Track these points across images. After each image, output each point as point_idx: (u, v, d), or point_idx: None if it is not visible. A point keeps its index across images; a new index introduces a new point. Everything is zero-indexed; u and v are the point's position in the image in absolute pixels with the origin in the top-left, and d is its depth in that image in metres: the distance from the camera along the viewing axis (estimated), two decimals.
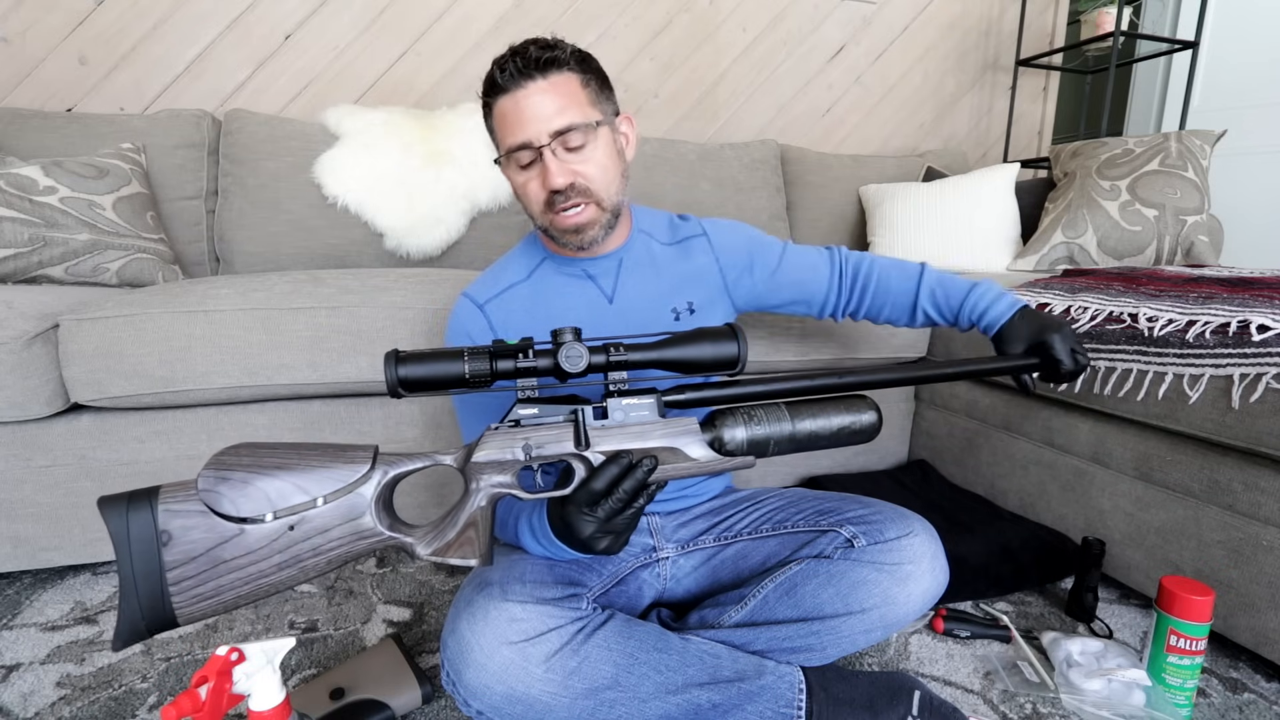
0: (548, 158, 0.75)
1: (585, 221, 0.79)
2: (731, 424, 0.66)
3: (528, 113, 0.74)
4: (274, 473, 0.54)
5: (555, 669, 0.67)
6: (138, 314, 1.05)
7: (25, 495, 1.07)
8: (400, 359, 0.59)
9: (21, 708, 0.84)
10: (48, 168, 1.32)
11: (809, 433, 0.67)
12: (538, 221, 0.83)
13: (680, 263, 0.92)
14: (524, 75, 0.74)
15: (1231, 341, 0.93)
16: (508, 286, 0.89)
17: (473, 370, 0.59)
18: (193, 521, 0.52)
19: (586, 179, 0.77)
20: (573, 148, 0.76)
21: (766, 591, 0.81)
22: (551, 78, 0.75)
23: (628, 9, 2.10)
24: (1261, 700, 0.89)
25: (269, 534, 0.53)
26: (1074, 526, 1.19)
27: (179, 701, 0.54)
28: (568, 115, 0.75)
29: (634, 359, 0.63)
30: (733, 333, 0.65)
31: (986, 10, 2.51)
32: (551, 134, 0.74)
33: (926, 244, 1.86)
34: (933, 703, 0.75)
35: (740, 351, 0.64)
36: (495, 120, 0.78)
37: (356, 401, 1.20)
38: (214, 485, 0.53)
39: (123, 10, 1.70)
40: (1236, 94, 2.36)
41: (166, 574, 0.52)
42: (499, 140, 0.79)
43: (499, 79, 0.75)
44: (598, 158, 0.78)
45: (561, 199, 0.77)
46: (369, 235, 1.63)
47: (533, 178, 0.78)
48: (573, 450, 0.62)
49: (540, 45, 0.75)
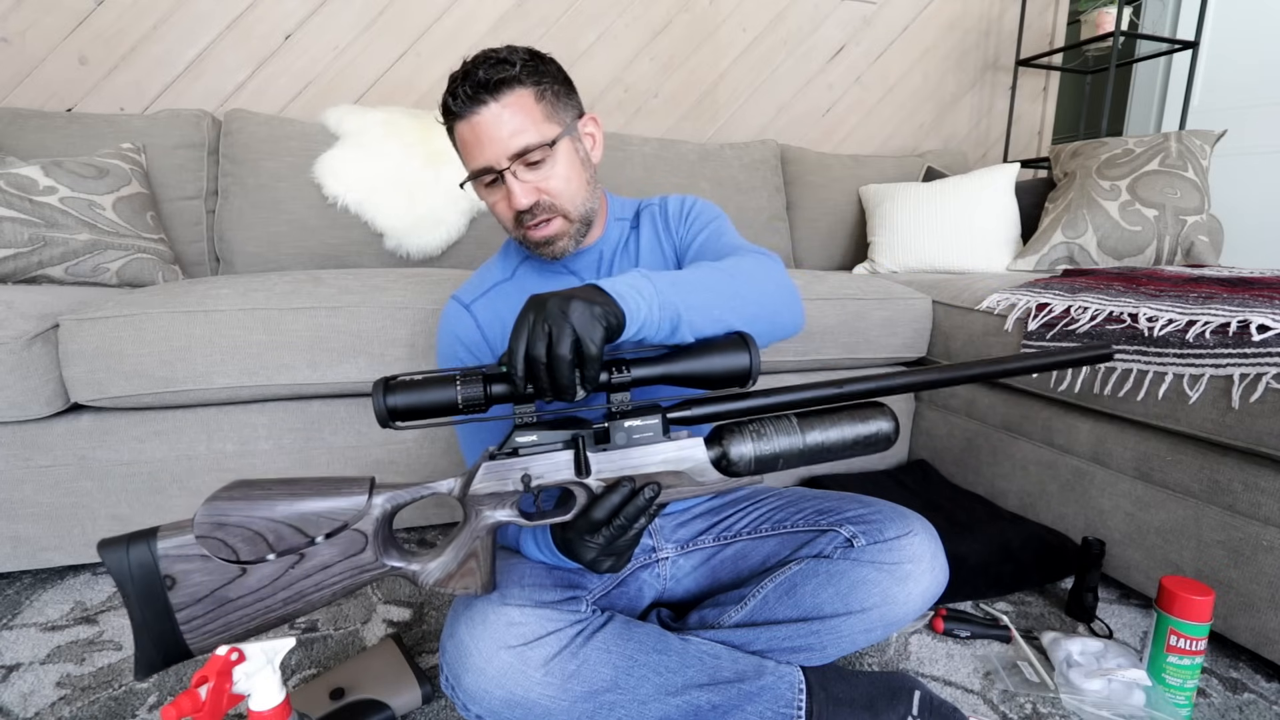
0: (509, 180, 0.75)
1: (554, 234, 0.80)
2: (739, 440, 0.62)
3: (484, 137, 0.74)
4: (270, 513, 0.54)
5: (554, 672, 0.66)
6: (138, 314, 1.05)
7: (25, 495, 1.07)
8: (389, 387, 0.55)
9: (21, 708, 0.84)
10: (48, 168, 1.32)
11: (820, 445, 0.63)
12: (512, 234, 0.83)
13: (648, 239, 0.91)
14: (475, 100, 0.72)
15: (1231, 341, 0.93)
16: (493, 285, 0.89)
17: (466, 396, 0.55)
18: (194, 565, 0.53)
19: (551, 194, 0.77)
20: (533, 163, 0.76)
21: (766, 591, 0.81)
22: (504, 98, 0.73)
23: (628, 9, 2.10)
24: (1261, 700, 0.89)
25: (271, 573, 0.55)
26: (1074, 526, 1.19)
27: (179, 701, 0.54)
28: (524, 136, 0.74)
29: (637, 376, 0.59)
30: (744, 343, 0.61)
31: (986, 10, 2.51)
32: (510, 156, 0.74)
33: (926, 244, 1.86)
34: (933, 702, 0.75)
35: (753, 363, 0.60)
36: (457, 143, 0.78)
37: (356, 401, 1.20)
38: (211, 531, 0.54)
39: (123, 10, 1.70)
40: (1236, 94, 2.36)
41: (175, 615, 0.53)
42: (463, 162, 0.79)
43: (452, 105, 0.74)
44: (559, 171, 0.77)
45: (529, 216, 0.77)
46: (369, 235, 1.63)
47: (500, 198, 0.78)
48: (573, 478, 0.60)
49: (490, 64, 0.73)
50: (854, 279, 1.54)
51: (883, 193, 1.98)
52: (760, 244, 1.24)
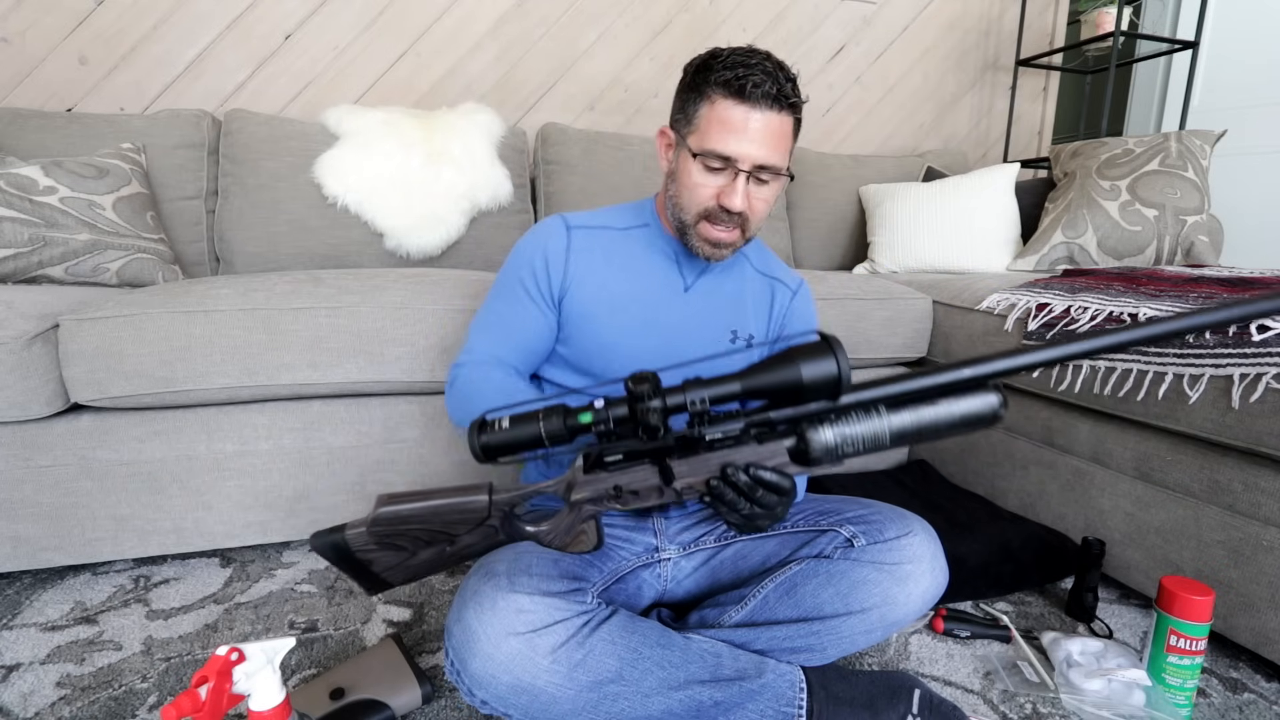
0: (739, 182, 0.77)
1: (728, 241, 0.83)
2: (818, 428, 0.58)
3: (753, 135, 0.76)
4: (418, 522, 0.66)
5: (561, 661, 0.67)
6: (138, 314, 1.05)
7: (25, 495, 1.07)
8: (483, 426, 0.60)
9: (21, 708, 0.84)
10: (48, 168, 1.32)
11: (910, 428, 0.57)
12: (682, 215, 0.84)
13: (759, 295, 0.95)
14: (772, 102, 0.75)
15: (1231, 341, 0.93)
16: (603, 226, 0.91)
17: (549, 430, 0.58)
18: (376, 554, 0.68)
19: (753, 211, 0.81)
20: (763, 180, 0.79)
21: (767, 591, 0.81)
22: (784, 116, 0.77)
23: (628, 9, 2.10)
24: (1261, 700, 0.89)
25: (430, 554, 0.69)
26: (1074, 526, 1.19)
27: (179, 701, 0.54)
28: (777, 156, 0.78)
29: (715, 395, 0.58)
30: (828, 347, 0.55)
31: (986, 10, 2.51)
32: (756, 165, 0.77)
33: (926, 244, 1.86)
34: (933, 701, 0.75)
35: (841, 370, 0.55)
36: (710, 113, 0.77)
37: (356, 401, 1.20)
38: (378, 536, 0.66)
39: (123, 10, 1.70)
40: (1236, 94, 2.36)
41: (374, 570, 0.69)
42: (699, 132, 0.79)
43: (748, 89, 0.74)
44: (769, 195, 0.82)
45: (725, 217, 0.80)
46: (369, 235, 1.63)
47: (710, 184, 0.79)
48: (659, 484, 0.63)
49: (793, 83, 0.77)
50: (854, 279, 1.54)
51: (883, 193, 1.98)
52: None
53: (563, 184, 1.83)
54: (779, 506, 0.66)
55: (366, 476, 1.22)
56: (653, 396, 0.57)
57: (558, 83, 2.08)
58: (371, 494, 1.23)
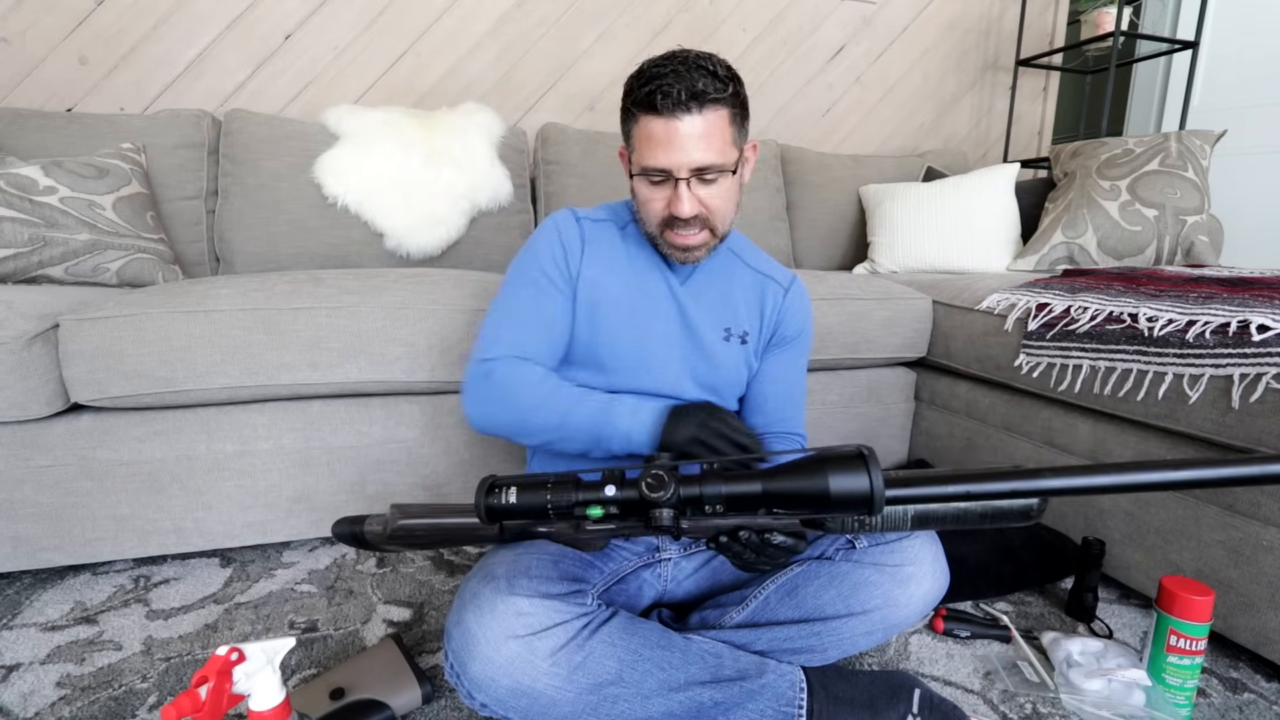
0: (682, 189, 0.77)
1: (696, 244, 0.83)
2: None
3: (675, 144, 0.75)
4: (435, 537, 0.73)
5: (561, 663, 0.67)
6: (138, 314, 1.05)
7: (25, 495, 1.07)
8: (491, 487, 0.58)
9: (21, 708, 0.84)
10: (48, 168, 1.32)
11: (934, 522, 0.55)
12: (647, 228, 0.85)
13: (750, 293, 0.95)
14: (682, 108, 0.73)
15: (1231, 341, 0.93)
16: (606, 220, 0.92)
17: (555, 500, 0.57)
18: (390, 547, 0.76)
19: (710, 210, 0.80)
20: (706, 180, 0.78)
21: (768, 592, 0.81)
22: (707, 114, 0.74)
23: (628, 9, 2.10)
24: (1261, 700, 0.89)
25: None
26: (1074, 526, 1.19)
27: (179, 701, 0.54)
28: (712, 154, 0.76)
29: (733, 493, 0.55)
30: (862, 462, 0.50)
31: (986, 10, 2.51)
32: (692, 169, 0.76)
33: (926, 244, 1.86)
34: (933, 701, 0.75)
35: (874, 488, 0.49)
36: (638, 132, 0.78)
37: (356, 401, 1.20)
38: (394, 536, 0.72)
39: (123, 10, 1.70)
40: (1236, 94, 2.36)
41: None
42: (635, 150, 0.79)
43: (658, 102, 0.73)
44: (724, 191, 0.80)
45: (682, 224, 0.80)
46: (369, 235, 1.63)
47: (659, 197, 0.80)
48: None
49: (707, 75, 0.74)
50: (854, 279, 1.54)
51: (883, 193, 1.98)
52: (760, 244, 1.25)
53: (562, 184, 1.83)
54: (784, 557, 0.66)
55: (366, 476, 1.22)
56: (665, 502, 0.55)
57: (558, 83, 2.08)
58: (372, 494, 1.23)
